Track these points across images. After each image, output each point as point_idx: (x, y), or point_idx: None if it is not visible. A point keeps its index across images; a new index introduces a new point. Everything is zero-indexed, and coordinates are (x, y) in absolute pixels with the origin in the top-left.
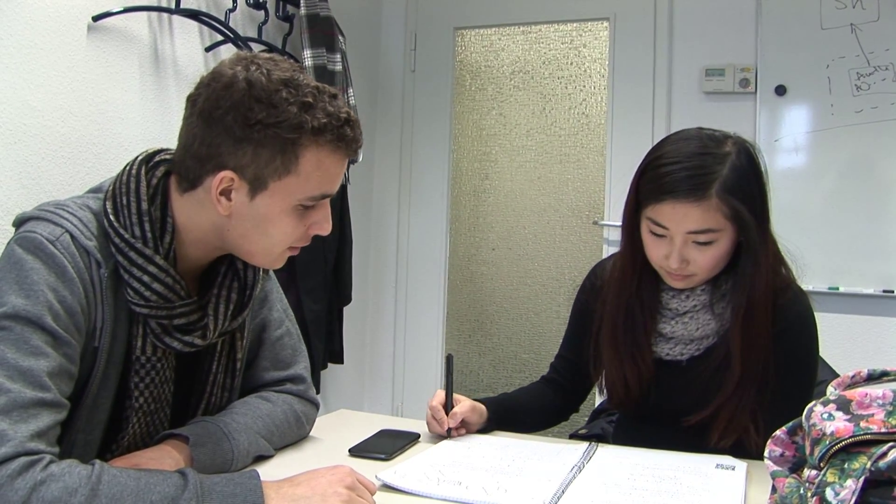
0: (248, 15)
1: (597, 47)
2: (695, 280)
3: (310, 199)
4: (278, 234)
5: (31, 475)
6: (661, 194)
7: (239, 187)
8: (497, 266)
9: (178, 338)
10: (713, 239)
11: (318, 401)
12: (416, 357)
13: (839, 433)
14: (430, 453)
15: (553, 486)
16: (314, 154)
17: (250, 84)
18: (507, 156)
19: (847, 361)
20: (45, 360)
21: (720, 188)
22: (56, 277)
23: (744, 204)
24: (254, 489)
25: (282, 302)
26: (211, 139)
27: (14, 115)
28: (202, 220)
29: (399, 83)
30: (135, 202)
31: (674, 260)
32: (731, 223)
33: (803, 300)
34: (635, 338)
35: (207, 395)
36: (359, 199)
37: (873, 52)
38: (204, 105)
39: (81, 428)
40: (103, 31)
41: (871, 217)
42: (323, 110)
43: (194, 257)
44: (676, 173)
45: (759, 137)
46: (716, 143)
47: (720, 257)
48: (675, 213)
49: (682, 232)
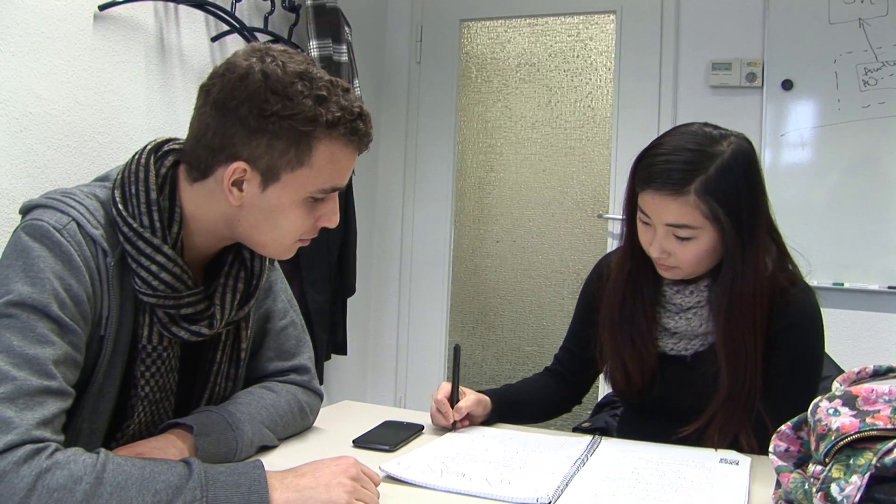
0: (255, 5)
1: (603, 40)
2: (679, 273)
3: (321, 191)
4: (288, 225)
5: (37, 463)
6: (645, 183)
7: (251, 178)
8: (501, 258)
9: (186, 327)
10: (692, 235)
11: (322, 391)
12: (420, 349)
13: (845, 429)
14: (433, 445)
15: (556, 479)
16: (327, 147)
17: (266, 76)
18: (513, 148)
19: (852, 357)
20: (51, 349)
21: (700, 187)
22: (62, 265)
23: (723, 206)
24: (258, 479)
25: (286, 292)
26: (225, 129)
27: (20, 103)
28: (212, 211)
29: (405, 75)
30: (143, 191)
31: (654, 249)
32: (711, 223)
33: (809, 297)
34: (636, 329)
35: (211, 384)
36: (363, 191)
37: (881, 46)
38: (218, 95)
39: (87, 416)
40: (109, 21)
41: (876, 213)
42: (337, 104)
43: (202, 247)
44: (662, 164)
45: (765, 132)
46: (710, 141)
47: (701, 254)
48: (654, 203)
49: (662, 223)
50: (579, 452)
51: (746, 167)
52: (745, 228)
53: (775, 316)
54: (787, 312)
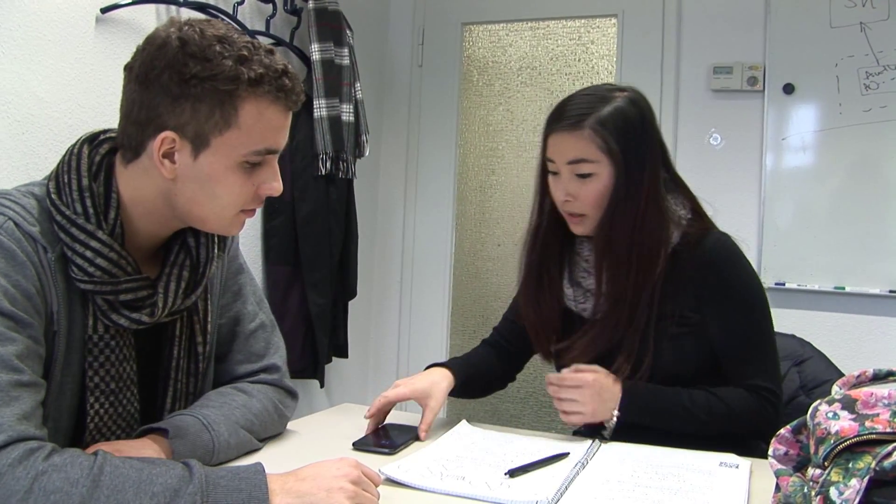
0: (257, 8)
1: (605, 44)
2: (587, 223)
3: (254, 153)
4: (226, 194)
5: (33, 464)
6: (549, 127)
7: (181, 148)
8: (502, 262)
9: (126, 315)
10: (590, 171)
11: (295, 389)
12: (421, 352)
13: (844, 432)
14: (433, 448)
15: (556, 483)
16: (254, 106)
17: (184, 42)
18: (514, 152)
19: (852, 361)
20: (12, 345)
21: (594, 121)
22: (6, 262)
23: (615, 138)
24: (259, 484)
25: (255, 295)
26: (149, 101)
27: (22, 106)
28: (149, 190)
29: (406, 78)
30: (76, 179)
31: (559, 192)
32: (606, 156)
33: (723, 237)
34: (542, 283)
35: (173, 380)
36: (365, 194)
37: (882, 51)
38: (140, 69)
39: (50, 415)
40: (111, 24)
41: (877, 217)
42: (259, 62)
43: (147, 232)
44: (563, 109)
45: (766, 136)
46: (608, 91)
47: (601, 192)
48: (555, 143)
49: (564, 162)
50: (579, 456)
51: (639, 114)
52: (634, 166)
53: (694, 262)
54: (699, 252)
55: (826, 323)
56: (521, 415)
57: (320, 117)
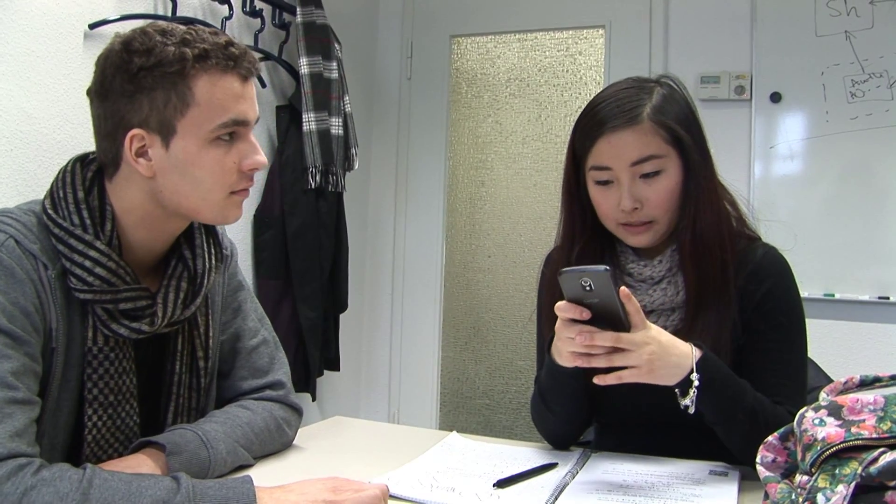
0: (245, 23)
1: (592, 55)
2: (655, 230)
3: (220, 126)
4: (207, 175)
5: (22, 480)
6: (595, 132)
7: (151, 142)
8: (493, 273)
9: (126, 324)
10: (659, 168)
11: (300, 406)
12: (413, 364)
13: (830, 439)
14: (423, 459)
15: (546, 493)
16: (206, 80)
17: (125, 43)
18: (503, 163)
19: (843, 368)
20: (8, 362)
21: (651, 111)
22: (5, 280)
23: (679, 124)
24: (246, 493)
25: (256, 311)
26: (111, 110)
27: (10, 122)
28: (136, 196)
29: (395, 91)
30: (71, 192)
31: (626, 201)
32: (673, 148)
33: (778, 252)
34: None
35: (175, 395)
36: (355, 206)
37: (867, 59)
38: (96, 86)
39: (46, 431)
40: (99, 39)
41: (866, 223)
42: (202, 40)
43: (143, 244)
44: (606, 108)
45: (754, 144)
46: (645, 80)
47: (673, 190)
48: (612, 146)
49: (626, 166)
50: (569, 465)
51: (685, 97)
52: (699, 153)
53: (744, 270)
54: (747, 260)
55: (816, 330)
56: (513, 426)
57: (309, 131)
